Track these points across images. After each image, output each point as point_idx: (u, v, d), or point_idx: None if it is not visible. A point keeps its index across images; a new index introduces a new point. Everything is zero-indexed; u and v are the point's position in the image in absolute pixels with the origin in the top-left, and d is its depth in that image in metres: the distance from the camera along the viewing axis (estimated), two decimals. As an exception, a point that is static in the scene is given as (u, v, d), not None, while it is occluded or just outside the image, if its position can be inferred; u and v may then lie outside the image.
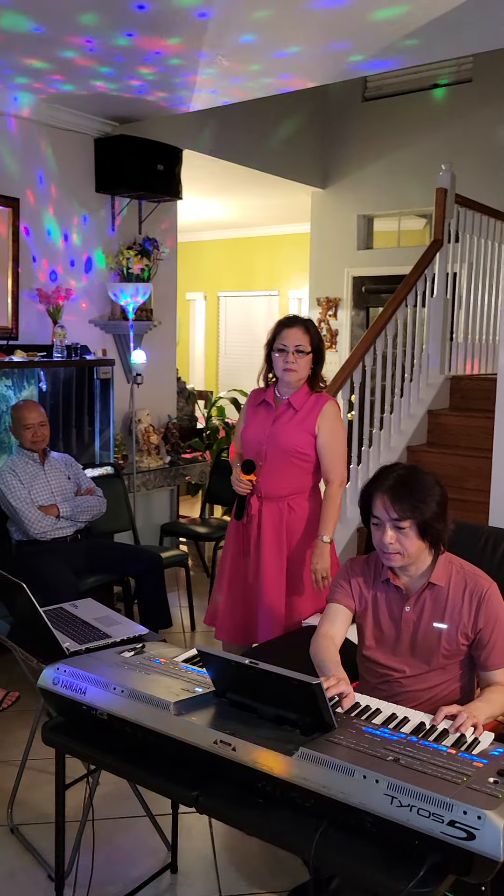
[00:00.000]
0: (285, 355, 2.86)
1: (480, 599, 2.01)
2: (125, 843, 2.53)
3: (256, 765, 1.59)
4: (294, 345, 2.84)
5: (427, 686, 2.05)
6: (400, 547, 1.99)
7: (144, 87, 4.11)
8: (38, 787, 2.78)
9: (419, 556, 2.02)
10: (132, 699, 1.80)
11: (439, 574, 2.04)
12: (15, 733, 3.17)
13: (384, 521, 1.99)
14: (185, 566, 4.43)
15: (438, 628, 2.03)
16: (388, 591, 2.11)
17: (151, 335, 5.14)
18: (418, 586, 2.06)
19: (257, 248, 8.77)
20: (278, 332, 2.90)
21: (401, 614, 2.08)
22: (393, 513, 1.97)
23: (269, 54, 3.62)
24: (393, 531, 1.98)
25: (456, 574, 2.05)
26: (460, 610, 2.01)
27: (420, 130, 6.40)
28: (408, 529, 1.98)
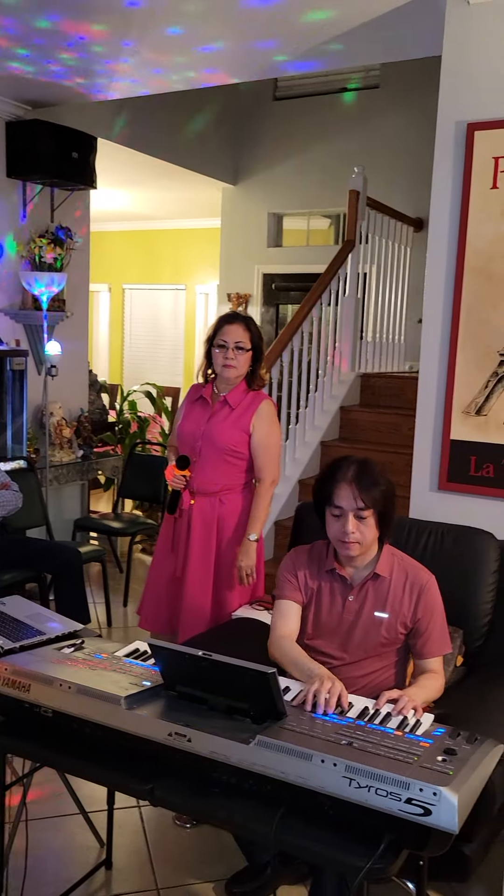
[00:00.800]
0: (225, 351, 2.85)
1: (420, 591, 2.09)
2: (58, 843, 2.49)
3: (213, 755, 1.61)
4: (234, 341, 2.84)
5: (364, 672, 2.12)
6: (360, 536, 2.04)
7: (63, 72, 4.01)
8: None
9: (371, 546, 2.09)
10: (80, 695, 1.78)
11: (383, 565, 2.11)
12: None
13: (347, 511, 2.03)
14: (102, 561, 4.37)
15: (379, 617, 2.10)
16: (333, 581, 2.15)
17: (63, 326, 5.03)
18: (363, 577, 2.12)
19: (165, 241, 8.72)
20: (219, 328, 2.89)
21: (344, 603, 2.13)
22: (360, 501, 2.02)
23: (195, 48, 3.62)
24: (355, 520, 2.03)
25: (398, 566, 2.13)
26: (401, 600, 2.09)
27: (328, 133, 6.54)
28: (369, 518, 2.03)
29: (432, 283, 3.14)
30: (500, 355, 3.01)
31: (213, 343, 2.88)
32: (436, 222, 3.11)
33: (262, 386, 2.99)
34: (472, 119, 2.97)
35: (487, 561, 2.65)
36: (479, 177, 2.97)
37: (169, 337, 8.93)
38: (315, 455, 4.70)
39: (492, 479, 3.06)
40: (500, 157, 2.92)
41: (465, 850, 1.86)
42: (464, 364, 3.08)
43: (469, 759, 1.56)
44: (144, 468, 4.96)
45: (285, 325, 4.66)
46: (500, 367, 3.01)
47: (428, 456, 3.22)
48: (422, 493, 3.24)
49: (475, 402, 3.07)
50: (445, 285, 3.10)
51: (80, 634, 2.31)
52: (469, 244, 3.01)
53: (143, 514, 5.49)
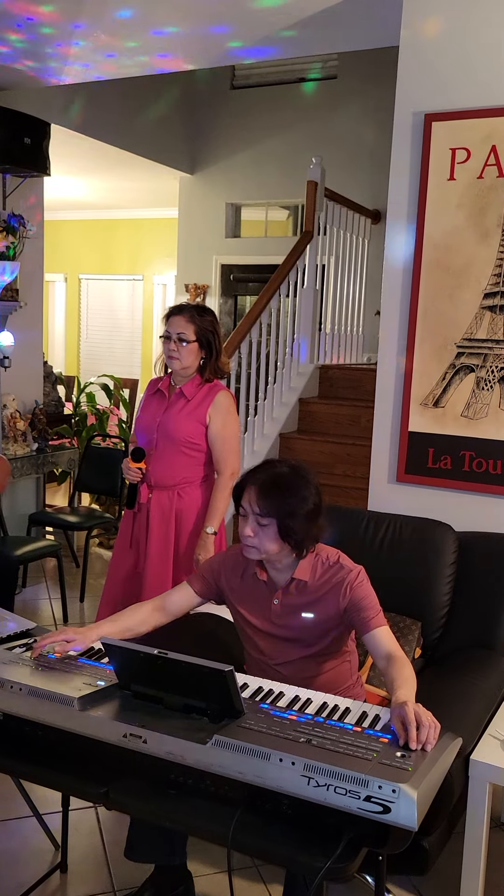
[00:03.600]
0: (168, 342, 2.83)
1: (346, 588, 2.01)
2: (10, 847, 2.42)
3: (169, 756, 1.57)
4: (176, 332, 2.81)
5: (303, 675, 2.06)
6: (258, 542, 1.98)
7: (12, 54, 3.90)
8: None
9: (279, 554, 2.01)
10: (32, 696, 1.73)
11: (303, 570, 2.05)
12: None
13: (248, 513, 1.98)
14: (58, 556, 4.29)
15: (305, 618, 2.05)
16: (257, 583, 2.11)
17: (17, 316, 4.92)
18: (283, 580, 2.08)
19: (121, 230, 8.60)
20: (166, 319, 2.87)
21: (269, 606, 2.10)
22: (256, 507, 1.96)
23: (148, 32, 3.54)
24: (254, 525, 1.98)
25: (321, 567, 2.05)
26: (325, 600, 2.03)
27: (286, 123, 6.50)
28: (269, 528, 1.96)
29: (390, 275, 3.13)
30: (457, 347, 3.01)
31: (162, 336, 2.87)
32: (393, 214, 3.10)
33: (221, 377, 2.95)
34: (429, 110, 2.96)
35: (445, 553, 2.66)
36: (436, 168, 2.96)
37: (126, 328, 8.83)
38: (274, 447, 4.67)
39: (449, 470, 3.07)
40: (457, 149, 2.92)
41: (424, 843, 1.85)
42: (421, 356, 3.08)
43: (428, 754, 1.55)
44: (101, 461, 4.89)
45: (244, 317, 4.62)
46: (458, 358, 3.02)
47: (386, 448, 3.22)
48: (380, 485, 3.24)
49: (433, 393, 3.08)
50: (403, 277, 3.09)
51: (33, 633, 2.25)
52: (427, 235, 3.01)
53: (100, 507, 5.42)
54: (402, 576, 2.66)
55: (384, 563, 2.67)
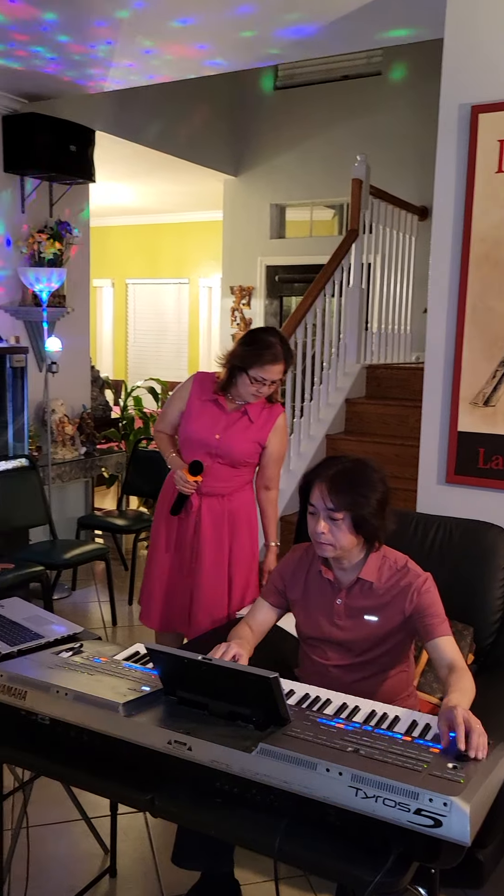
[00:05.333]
0: (259, 386, 2.72)
1: (412, 594, 1.98)
2: (61, 850, 2.44)
3: (214, 764, 1.55)
4: (271, 379, 2.72)
5: (359, 677, 2.04)
6: (332, 538, 1.97)
7: (58, 64, 3.94)
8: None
9: (352, 549, 2.00)
10: (77, 702, 1.72)
11: (370, 570, 2.02)
12: None
13: (319, 510, 1.97)
14: (106, 560, 4.32)
15: (368, 621, 2.02)
16: (321, 583, 2.10)
17: (64, 322, 4.98)
18: (349, 580, 2.05)
19: (167, 234, 8.65)
20: (260, 363, 2.67)
21: (332, 606, 2.07)
22: (329, 503, 1.95)
23: (187, 33, 3.54)
24: (327, 521, 1.96)
25: (388, 569, 2.03)
26: (391, 605, 2.00)
27: (330, 121, 6.45)
28: (341, 522, 1.95)
29: (437, 272, 3.06)
30: (507, 344, 2.93)
31: (247, 371, 2.69)
32: (440, 209, 3.03)
33: (278, 400, 2.90)
34: (475, 101, 2.88)
35: (497, 555, 2.58)
36: (483, 160, 2.89)
37: (173, 331, 8.88)
38: (320, 449, 4.63)
39: (501, 471, 2.99)
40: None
41: (479, 855, 1.79)
42: (470, 354, 3.00)
43: (481, 765, 1.50)
44: (148, 464, 4.90)
45: (288, 318, 4.59)
46: (508, 356, 2.93)
47: (435, 448, 3.15)
48: (429, 487, 3.17)
49: (483, 392, 3.00)
50: (451, 273, 3.02)
51: (80, 637, 2.25)
52: (475, 230, 2.93)
53: (147, 510, 5.44)
54: (452, 579, 2.58)
55: (434, 566, 2.59)
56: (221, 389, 2.80)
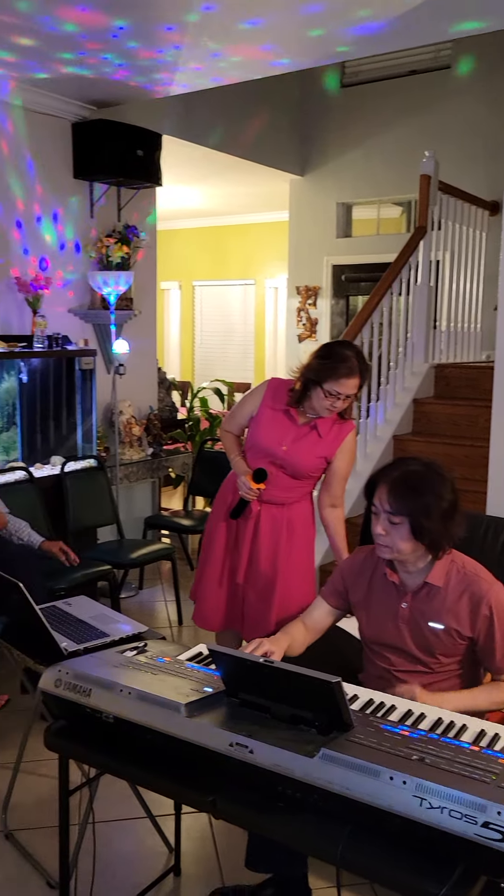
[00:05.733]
0: (334, 400, 2.67)
1: (479, 602, 1.94)
2: (126, 847, 2.46)
3: (276, 767, 1.53)
4: (346, 393, 2.67)
5: (424, 683, 2.00)
6: (390, 541, 1.94)
7: (126, 70, 4.00)
8: (32, 791, 2.70)
9: (413, 554, 1.96)
10: (140, 701, 1.73)
11: (437, 574, 1.98)
12: (6, 735, 3.08)
13: (380, 512, 1.95)
14: (172, 559, 4.36)
15: (434, 628, 1.98)
16: (387, 586, 2.06)
17: (132, 325, 5.05)
18: (415, 584, 2.01)
19: (233, 236, 8.69)
20: (335, 377, 2.63)
21: (397, 611, 2.03)
22: (388, 506, 1.92)
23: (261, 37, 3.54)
24: (385, 524, 1.93)
25: (456, 574, 1.98)
26: (457, 612, 1.96)
27: (398, 117, 6.36)
28: (401, 526, 1.92)
29: (508, 267, 2.98)
30: None
31: (321, 384, 2.65)
32: (511, 202, 2.94)
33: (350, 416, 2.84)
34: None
35: None
36: None
37: (239, 333, 8.91)
38: (388, 450, 4.56)
39: None
40: None
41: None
42: (543, 351, 2.91)
43: (553, 779, 1.44)
44: (214, 465, 4.92)
45: (354, 317, 4.54)
46: None
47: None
48: (500, 489, 3.08)
49: None
50: (522, 269, 2.93)
51: (145, 636, 2.27)
52: (547, 224, 2.84)
53: (213, 511, 5.46)
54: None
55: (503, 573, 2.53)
56: (295, 402, 2.78)
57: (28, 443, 4.39)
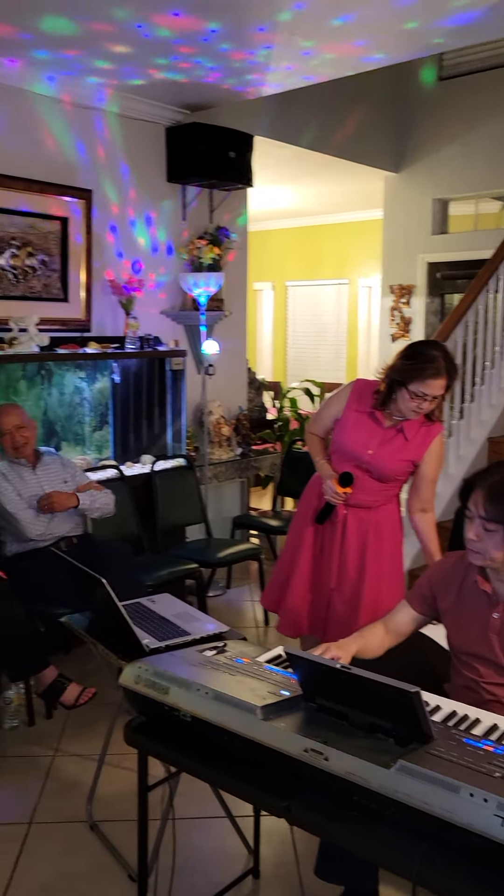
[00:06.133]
0: (420, 401, 2.61)
1: None
2: (206, 845, 2.47)
3: (351, 777, 1.50)
4: (433, 394, 2.61)
5: None
6: (482, 547, 1.87)
7: (219, 72, 4.02)
8: (117, 783, 2.75)
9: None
10: (217, 701, 1.73)
11: None
12: (93, 727, 3.16)
13: (474, 516, 1.88)
14: (259, 560, 4.36)
15: None
16: (478, 594, 1.99)
17: (222, 325, 5.08)
18: None
19: (326, 235, 8.63)
20: (421, 378, 2.57)
21: (488, 621, 1.95)
22: (483, 511, 1.85)
23: (354, 33, 3.49)
24: (479, 530, 1.87)
25: None
26: None
27: (498, 109, 6.15)
28: (495, 533, 1.85)
29: None
30: None
31: (406, 385, 2.60)
32: None
33: (438, 418, 2.75)
34: None
35: None
36: None
37: (331, 332, 8.84)
38: (481, 452, 4.42)
39: None
40: None
41: None
42: None
43: None
44: (302, 466, 4.87)
45: (448, 315, 4.42)
46: None
47: None
48: None
49: None
50: None
51: (226, 636, 2.28)
52: None
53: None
54: None
55: None
56: (381, 405, 2.72)
57: (119, 442, 4.49)
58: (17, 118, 4.00)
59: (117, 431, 4.46)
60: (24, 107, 4.02)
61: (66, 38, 3.51)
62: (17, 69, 3.88)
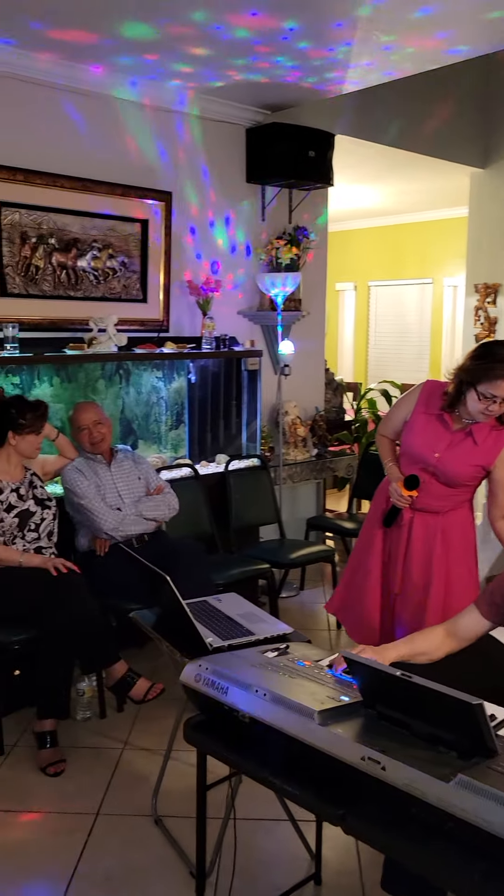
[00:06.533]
0: (489, 403, 2.52)
1: None
2: (267, 847, 2.46)
3: (408, 788, 1.45)
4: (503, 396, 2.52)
5: None
6: None
7: (298, 71, 4.01)
8: (182, 779, 2.77)
9: None
10: (275, 704, 1.71)
11: None
12: (160, 721, 3.20)
13: None
14: (332, 562, 4.32)
15: None
16: None
17: (300, 326, 5.06)
18: None
19: (409, 234, 8.48)
20: (490, 378, 2.49)
21: None
22: None
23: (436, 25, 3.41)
24: None
25: None
26: None
27: None
28: None
29: None
30: None
31: (475, 386, 2.51)
32: None
33: None
34: None
35: None
36: None
37: (414, 333, 8.68)
38: None
39: None
40: None
41: None
42: None
43: None
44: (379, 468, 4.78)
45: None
46: None
47: None
48: None
49: None
50: None
51: (290, 638, 2.26)
52: None
53: (378, 515, 5.35)
54: None
55: None
56: (449, 406, 2.65)
57: (195, 441, 4.53)
58: (102, 123, 4.09)
59: (193, 430, 4.51)
60: (108, 112, 4.11)
61: (146, 42, 3.57)
62: (101, 75, 3.97)
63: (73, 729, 3.17)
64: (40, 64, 3.76)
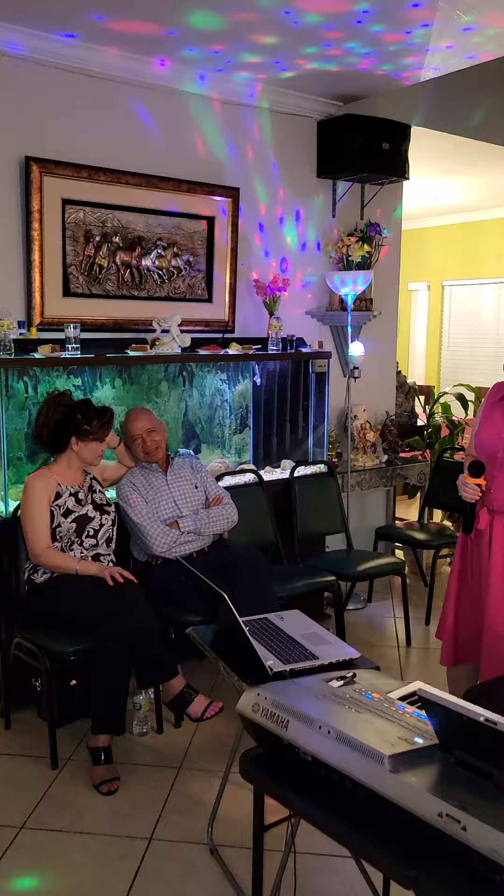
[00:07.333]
0: None
1: None
2: (329, 887, 2.28)
3: (493, 854, 1.26)
4: None
5: None
6: None
7: (373, 58, 3.82)
8: (240, 806, 2.61)
9: None
10: (340, 743, 1.54)
11: None
12: (219, 740, 3.06)
13: None
14: (402, 575, 4.10)
15: None
16: None
17: (370, 326, 4.86)
18: None
19: (488, 231, 8.15)
20: None
21: None
22: None
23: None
24: None
25: None
26: None
27: None
28: None
29: None
30: None
31: None
32: None
33: None
34: None
35: None
36: None
37: (491, 334, 8.34)
38: None
39: None
40: None
41: None
42: None
43: None
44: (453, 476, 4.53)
45: None
46: None
47: None
48: None
49: None
50: None
51: (357, 664, 2.08)
52: None
53: (452, 525, 5.10)
54: None
55: None
56: None
57: (260, 445, 4.38)
58: (170, 119, 3.98)
59: (258, 435, 4.36)
60: (176, 107, 4.00)
61: (212, 32, 3.44)
62: (168, 69, 3.86)
63: (129, 744, 3.06)
64: (105, 58, 3.67)
